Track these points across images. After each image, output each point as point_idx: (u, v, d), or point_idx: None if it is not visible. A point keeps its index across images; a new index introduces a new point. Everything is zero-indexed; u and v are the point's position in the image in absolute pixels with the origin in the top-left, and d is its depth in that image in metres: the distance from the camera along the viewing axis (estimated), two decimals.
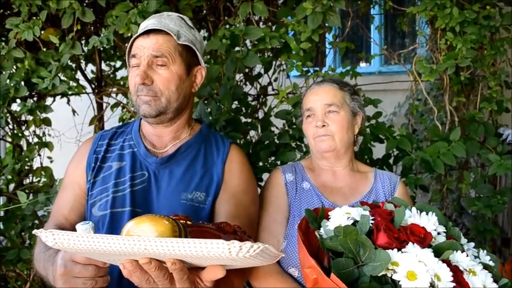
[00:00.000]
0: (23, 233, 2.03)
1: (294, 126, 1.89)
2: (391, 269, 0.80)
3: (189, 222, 0.87)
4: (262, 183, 1.64)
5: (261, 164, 1.84)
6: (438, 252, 0.85)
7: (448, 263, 0.82)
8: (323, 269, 0.85)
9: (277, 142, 1.87)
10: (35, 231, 0.81)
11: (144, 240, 0.74)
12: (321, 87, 1.44)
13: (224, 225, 0.95)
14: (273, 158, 1.87)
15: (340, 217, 0.92)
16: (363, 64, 4.22)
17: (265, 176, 1.66)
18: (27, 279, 2.08)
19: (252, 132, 2.02)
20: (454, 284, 0.78)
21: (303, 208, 1.37)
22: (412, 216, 0.93)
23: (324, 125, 1.38)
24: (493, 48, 1.85)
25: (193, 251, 0.73)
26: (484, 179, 2.02)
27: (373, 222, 0.90)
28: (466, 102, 2.09)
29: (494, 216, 2.21)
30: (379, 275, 0.80)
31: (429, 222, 0.91)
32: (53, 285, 1.01)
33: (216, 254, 0.73)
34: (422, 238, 0.86)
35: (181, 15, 1.32)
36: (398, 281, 0.78)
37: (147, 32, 1.23)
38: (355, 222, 0.90)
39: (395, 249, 0.82)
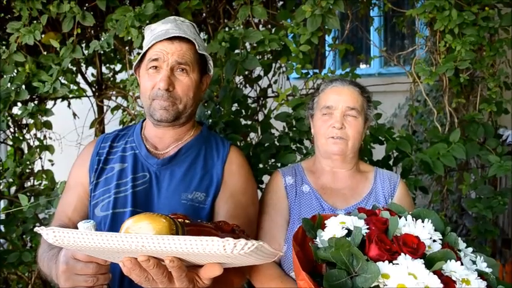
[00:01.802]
0: (24, 236, 2.03)
1: (294, 129, 1.89)
2: (382, 281, 0.80)
3: (187, 221, 0.88)
4: (263, 186, 1.64)
5: (261, 166, 1.85)
6: (431, 262, 0.84)
7: (439, 274, 0.82)
8: (320, 278, 0.85)
9: (278, 144, 1.88)
10: (36, 229, 0.83)
11: (142, 237, 0.75)
12: (345, 87, 1.40)
13: (222, 224, 0.96)
14: (273, 160, 1.87)
15: (335, 227, 0.92)
16: (362, 66, 4.23)
17: (265, 178, 1.66)
18: (28, 282, 2.09)
19: (252, 135, 2.02)
20: None
21: (302, 211, 1.37)
22: (407, 225, 0.92)
23: (341, 127, 1.36)
24: (492, 49, 1.86)
25: (189, 248, 0.75)
26: (484, 180, 2.02)
27: (367, 231, 0.90)
28: (465, 103, 2.10)
29: (494, 217, 2.21)
30: (371, 286, 0.80)
31: (424, 230, 0.91)
32: (56, 283, 1.03)
33: (212, 251, 0.75)
34: (415, 249, 0.85)
35: (192, 23, 1.36)
36: None
37: (171, 38, 1.25)
38: (349, 232, 0.90)
39: (387, 261, 0.82)
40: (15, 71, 1.88)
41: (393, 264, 0.82)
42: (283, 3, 2.17)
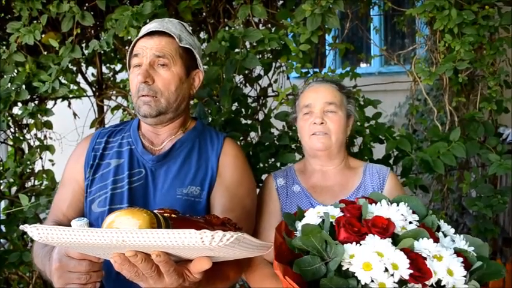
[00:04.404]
0: (24, 236, 2.03)
1: (294, 128, 1.89)
2: (348, 262, 0.81)
3: (173, 216, 0.88)
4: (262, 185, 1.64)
5: (261, 165, 1.85)
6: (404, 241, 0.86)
7: (407, 251, 0.82)
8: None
9: (277, 144, 1.88)
10: (21, 227, 0.84)
11: (121, 232, 0.76)
12: (321, 85, 1.45)
13: (212, 218, 0.96)
14: (273, 160, 1.87)
15: (311, 217, 0.94)
16: (363, 65, 4.23)
17: (264, 177, 1.66)
18: (29, 282, 2.09)
19: (253, 134, 2.02)
20: (411, 271, 0.79)
21: (293, 211, 1.37)
22: (380, 209, 0.93)
23: (322, 122, 1.39)
24: (492, 48, 1.85)
25: (167, 241, 0.75)
26: (484, 179, 2.02)
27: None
28: (466, 102, 2.09)
29: (495, 216, 2.21)
30: (344, 269, 0.82)
31: (397, 212, 0.92)
32: (50, 280, 1.03)
33: (190, 243, 0.74)
34: (385, 229, 0.86)
35: (181, 22, 1.36)
36: (354, 273, 0.80)
37: (150, 34, 1.27)
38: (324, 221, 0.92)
39: (354, 243, 0.84)
40: (16, 71, 1.88)
41: (361, 245, 0.83)
42: (283, 2, 2.16)
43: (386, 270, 0.78)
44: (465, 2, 1.81)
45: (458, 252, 0.88)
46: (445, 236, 0.94)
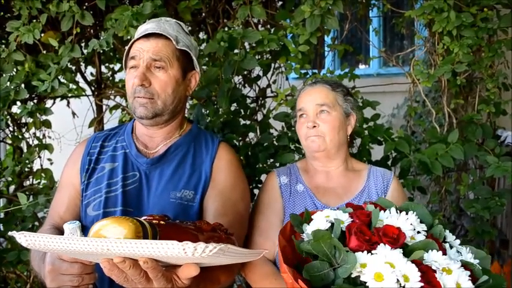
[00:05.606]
0: None
1: (293, 128, 1.90)
2: (360, 271, 0.81)
3: (162, 222, 0.89)
4: (261, 185, 1.65)
5: (260, 165, 1.85)
6: (413, 252, 0.85)
7: (419, 263, 0.82)
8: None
9: (276, 144, 1.88)
10: (9, 233, 0.85)
11: (106, 241, 0.77)
12: (314, 88, 1.45)
13: (202, 224, 0.97)
14: (271, 160, 1.88)
15: (320, 221, 0.93)
16: (361, 66, 4.23)
17: (263, 177, 1.67)
18: (27, 281, 2.08)
19: (251, 134, 2.03)
20: (422, 284, 0.78)
21: (296, 210, 1.39)
22: (390, 217, 0.93)
23: (314, 126, 1.39)
24: (490, 50, 1.86)
25: (151, 251, 0.76)
26: (482, 181, 2.02)
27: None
28: (464, 104, 2.10)
29: (492, 218, 2.21)
30: (352, 276, 0.81)
31: (406, 221, 0.91)
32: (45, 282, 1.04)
33: (173, 254, 0.75)
34: (395, 239, 0.86)
35: (178, 22, 1.36)
36: (365, 282, 0.79)
37: (147, 36, 1.26)
38: (333, 225, 0.92)
39: (366, 251, 0.83)
40: (15, 69, 1.88)
41: (372, 254, 0.83)
42: (282, 3, 2.17)
43: (397, 281, 0.79)
44: (464, 5, 1.82)
45: (464, 264, 0.88)
46: (451, 247, 0.94)
